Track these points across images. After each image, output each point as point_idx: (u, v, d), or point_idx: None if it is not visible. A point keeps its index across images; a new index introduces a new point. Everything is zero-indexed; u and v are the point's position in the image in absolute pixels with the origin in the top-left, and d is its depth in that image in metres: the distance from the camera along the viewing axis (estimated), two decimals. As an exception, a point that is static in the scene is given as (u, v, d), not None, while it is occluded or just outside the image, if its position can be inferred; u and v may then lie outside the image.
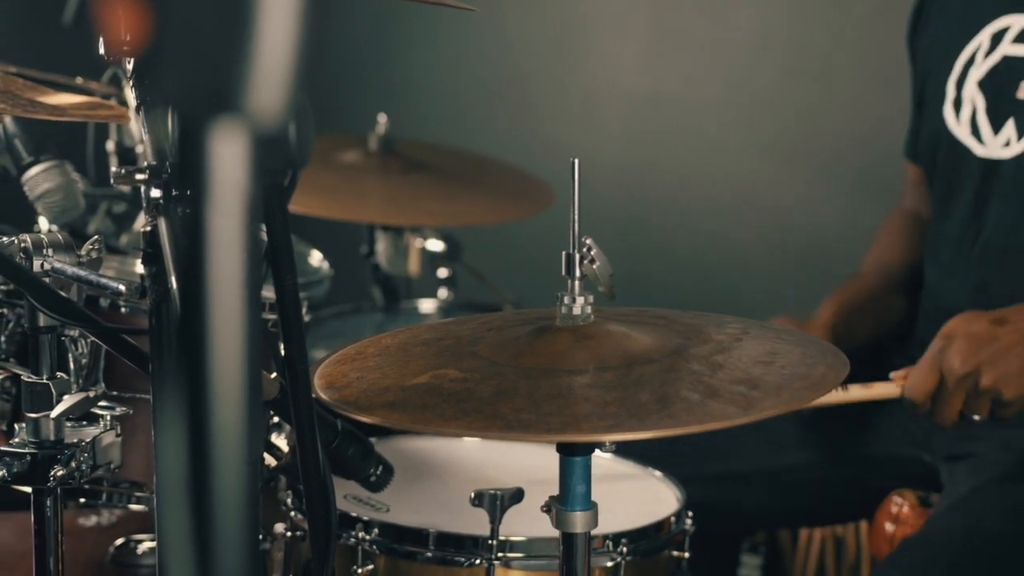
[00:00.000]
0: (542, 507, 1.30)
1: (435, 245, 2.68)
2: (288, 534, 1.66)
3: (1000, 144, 1.91)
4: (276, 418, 1.58)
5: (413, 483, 1.75)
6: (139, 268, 1.20)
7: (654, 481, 1.80)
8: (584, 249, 1.30)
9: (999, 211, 1.91)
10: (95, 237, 1.36)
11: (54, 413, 1.34)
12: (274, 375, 1.33)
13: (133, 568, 1.94)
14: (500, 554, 1.53)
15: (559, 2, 3.50)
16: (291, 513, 1.67)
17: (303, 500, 1.60)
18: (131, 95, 1.95)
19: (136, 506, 1.68)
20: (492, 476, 1.79)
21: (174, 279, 1.11)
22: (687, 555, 1.67)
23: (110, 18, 0.74)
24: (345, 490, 1.63)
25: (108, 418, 1.41)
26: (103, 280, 1.30)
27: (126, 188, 2.18)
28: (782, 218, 3.23)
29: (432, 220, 2.61)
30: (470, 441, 1.91)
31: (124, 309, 1.64)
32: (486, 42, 3.58)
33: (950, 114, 1.98)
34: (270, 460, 1.57)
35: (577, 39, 3.46)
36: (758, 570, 2.27)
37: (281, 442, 1.60)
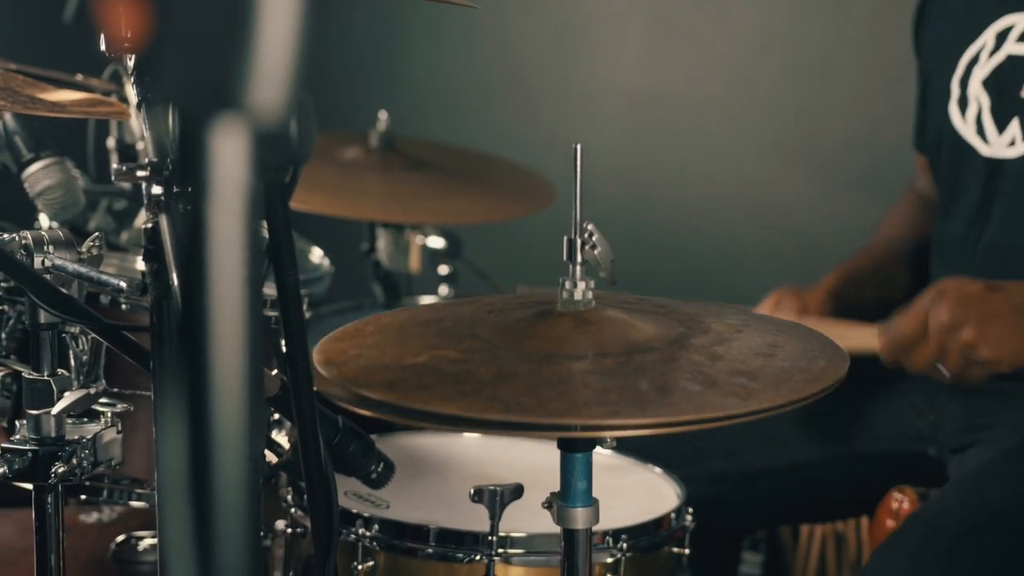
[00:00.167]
0: (543, 503, 1.30)
1: (436, 242, 2.68)
2: (289, 531, 1.66)
3: (1005, 143, 1.91)
4: (277, 415, 1.58)
5: (414, 479, 1.75)
6: (140, 265, 1.21)
7: (654, 477, 1.80)
8: (585, 235, 1.29)
9: (1004, 210, 1.91)
10: (96, 234, 1.36)
11: (55, 410, 1.34)
12: (275, 372, 1.33)
13: (134, 565, 1.94)
14: (500, 550, 1.53)
15: (560, 0, 3.49)
16: (292, 510, 1.68)
17: (304, 497, 1.61)
18: (132, 92, 1.95)
19: (137, 503, 1.68)
20: (492, 472, 1.79)
21: (175, 276, 1.11)
22: (687, 551, 1.67)
23: (111, 15, 0.74)
24: (346, 487, 1.63)
25: (109, 415, 1.41)
26: (104, 277, 1.30)
27: (127, 185, 2.19)
28: (782, 217, 3.23)
29: (433, 217, 2.60)
30: (470, 438, 1.91)
31: (125, 306, 1.64)
32: (487, 40, 3.58)
33: (955, 113, 1.98)
34: (271, 457, 1.57)
35: (578, 37, 3.46)
36: (759, 567, 2.27)
37: (282, 439, 1.60)
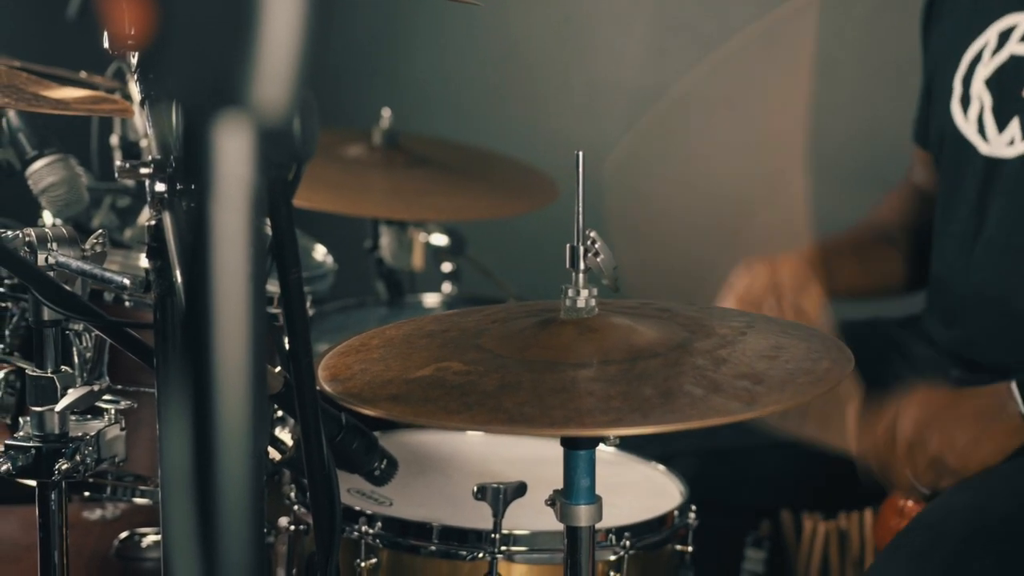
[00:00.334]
0: (546, 501, 1.30)
1: (439, 239, 2.68)
2: (292, 528, 1.66)
3: (1004, 143, 1.91)
4: (280, 412, 1.58)
5: (417, 477, 1.75)
6: (143, 262, 1.21)
7: (657, 474, 1.80)
8: (588, 242, 1.29)
9: (1001, 209, 1.91)
10: (99, 231, 1.36)
11: (59, 407, 1.34)
12: (278, 369, 1.33)
13: (137, 561, 1.94)
14: (503, 548, 1.53)
15: (563, -3, 3.49)
16: (295, 507, 1.68)
17: (307, 494, 1.61)
18: (135, 89, 1.95)
19: (140, 500, 1.68)
20: (495, 470, 1.79)
21: (178, 273, 1.11)
22: (691, 549, 1.67)
23: (114, 12, 0.74)
24: (349, 484, 1.63)
25: (112, 412, 1.41)
26: (107, 274, 1.30)
27: (130, 182, 2.18)
28: (784, 215, 3.22)
29: (436, 214, 2.60)
30: (473, 435, 1.91)
31: (128, 303, 1.64)
32: (490, 37, 3.57)
33: (958, 111, 1.97)
34: (274, 454, 1.57)
35: (581, 35, 3.46)
36: (762, 564, 2.27)
37: (285, 436, 1.60)
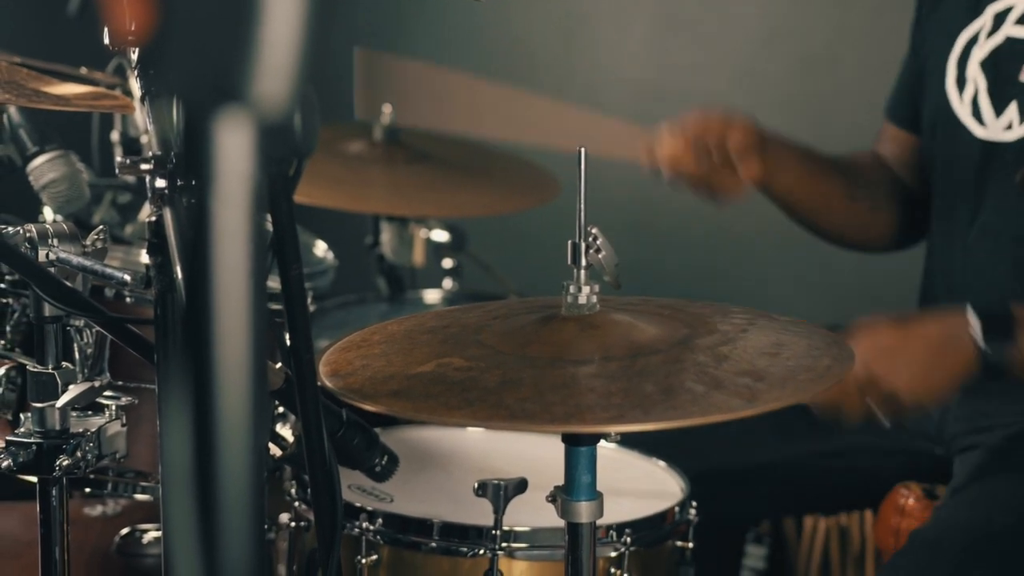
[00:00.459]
0: (547, 497, 1.30)
1: (440, 235, 2.68)
2: (293, 524, 1.66)
3: (1002, 127, 1.89)
4: (281, 408, 1.58)
5: (417, 473, 1.75)
6: (144, 258, 1.21)
7: (658, 471, 1.80)
8: (590, 238, 1.29)
9: (998, 194, 1.90)
10: (100, 227, 1.36)
11: (59, 403, 1.34)
12: (279, 365, 1.33)
13: (138, 558, 1.94)
14: (504, 544, 1.53)
15: (564, -8, 3.49)
16: (296, 503, 1.68)
17: (308, 490, 1.61)
18: (136, 85, 1.95)
19: (141, 496, 1.68)
20: (496, 466, 1.79)
21: (179, 269, 1.11)
22: (691, 545, 1.67)
23: (115, 8, 0.74)
24: (349, 480, 1.63)
25: (113, 408, 1.41)
26: (108, 270, 1.30)
27: (131, 178, 2.18)
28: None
29: (437, 210, 2.60)
30: (474, 431, 1.91)
31: (129, 299, 1.64)
32: (491, 33, 3.57)
33: (953, 93, 1.96)
34: (275, 450, 1.57)
35: (583, 30, 3.46)
36: (763, 560, 2.27)
37: (286, 432, 1.60)
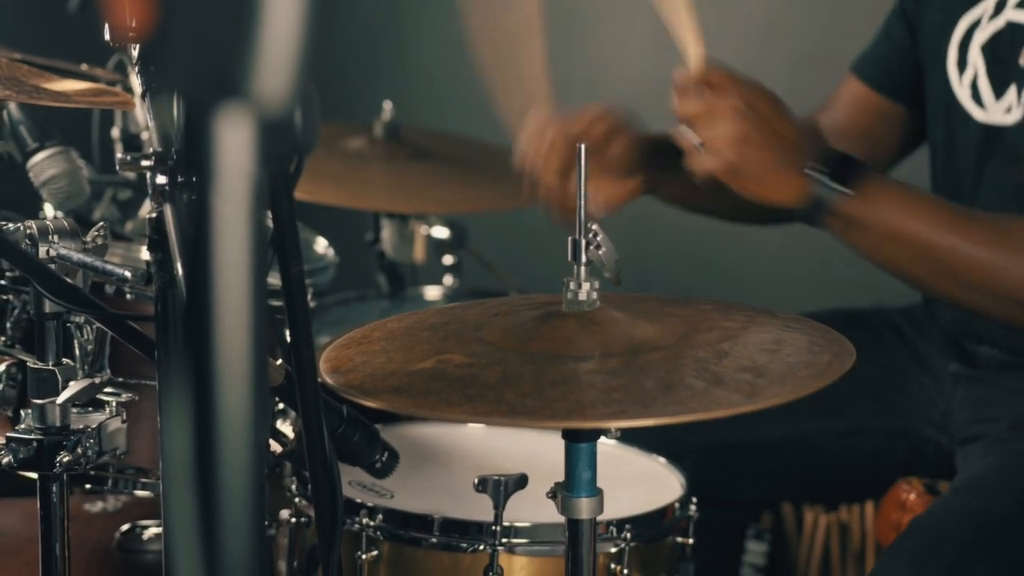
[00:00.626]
0: (547, 493, 1.30)
1: (440, 232, 2.68)
2: (293, 520, 1.66)
3: (1002, 110, 1.89)
4: (282, 405, 1.58)
5: (418, 469, 1.75)
6: (144, 254, 1.21)
7: (658, 467, 1.80)
8: (590, 235, 1.29)
9: (996, 177, 1.90)
10: (100, 224, 1.36)
11: (60, 399, 1.34)
12: (280, 362, 1.33)
13: (139, 554, 1.94)
14: (504, 540, 1.53)
15: (565, -11, 3.49)
16: (296, 499, 1.68)
17: (308, 486, 1.61)
18: (136, 81, 1.95)
19: (142, 492, 1.68)
20: (496, 462, 1.79)
21: (179, 266, 1.11)
22: (691, 541, 1.67)
23: (115, 4, 0.74)
24: (349, 476, 1.63)
25: (114, 404, 1.41)
26: (109, 266, 1.30)
27: (131, 175, 2.19)
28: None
29: (437, 207, 2.60)
30: (474, 427, 1.91)
31: (129, 296, 1.64)
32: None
33: (954, 75, 1.95)
34: (275, 447, 1.57)
35: (584, 26, 3.45)
36: (763, 557, 2.27)
37: (286, 429, 1.60)
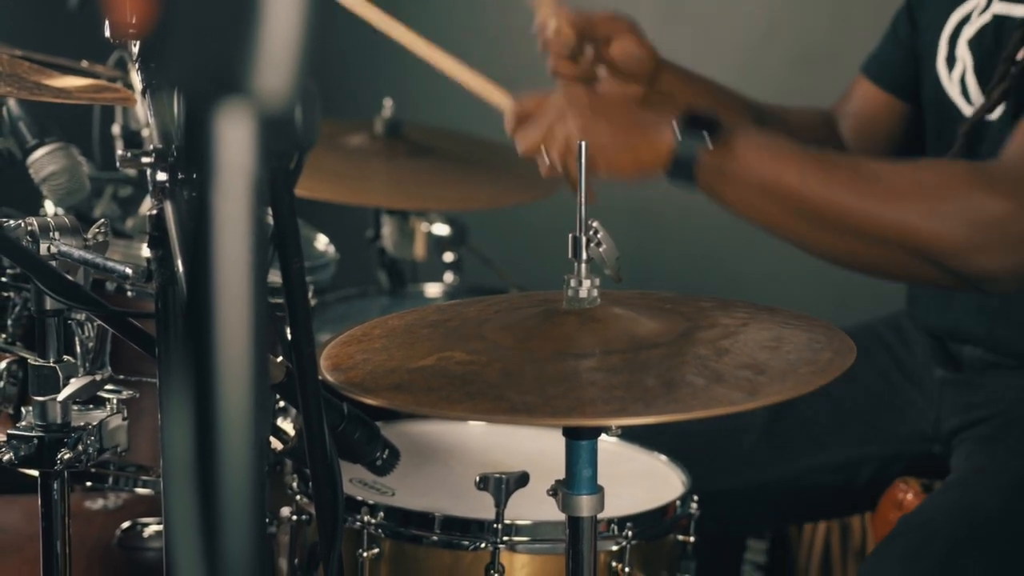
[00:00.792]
0: (548, 491, 1.30)
1: (441, 229, 2.68)
2: (294, 518, 1.66)
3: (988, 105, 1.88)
4: (282, 402, 1.58)
5: (419, 467, 1.75)
6: (145, 252, 1.21)
7: (660, 465, 1.80)
8: (591, 232, 1.29)
9: None
10: (101, 221, 1.36)
11: (61, 396, 1.34)
12: (280, 359, 1.33)
13: (139, 551, 1.94)
14: (505, 538, 1.53)
15: (566, -14, 3.48)
16: (297, 497, 1.68)
17: (309, 484, 1.61)
18: (137, 78, 1.94)
19: (143, 490, 1.68)
20: (497, 460, 1.79)
21: (180, 263, 1.11)
22: (692, 539, 1.67)
23: (116, 1, 0.74)
24: (351, 474, 1.63)
25: (115, 401, 1.41)
26: (109, 264, 1.30)
27: (132, 172, 2.18)
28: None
29: (438, 204, 2.60)
30: (476, 425, 1.91)
31: (130, 293, 1.64)
32: (493, 28, 3.57)
33: (943, 70, 1.94)
34: (276, 444, 1.57)
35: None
36: (764, 555, 2.28)
37: (287, 426, 1.60)
